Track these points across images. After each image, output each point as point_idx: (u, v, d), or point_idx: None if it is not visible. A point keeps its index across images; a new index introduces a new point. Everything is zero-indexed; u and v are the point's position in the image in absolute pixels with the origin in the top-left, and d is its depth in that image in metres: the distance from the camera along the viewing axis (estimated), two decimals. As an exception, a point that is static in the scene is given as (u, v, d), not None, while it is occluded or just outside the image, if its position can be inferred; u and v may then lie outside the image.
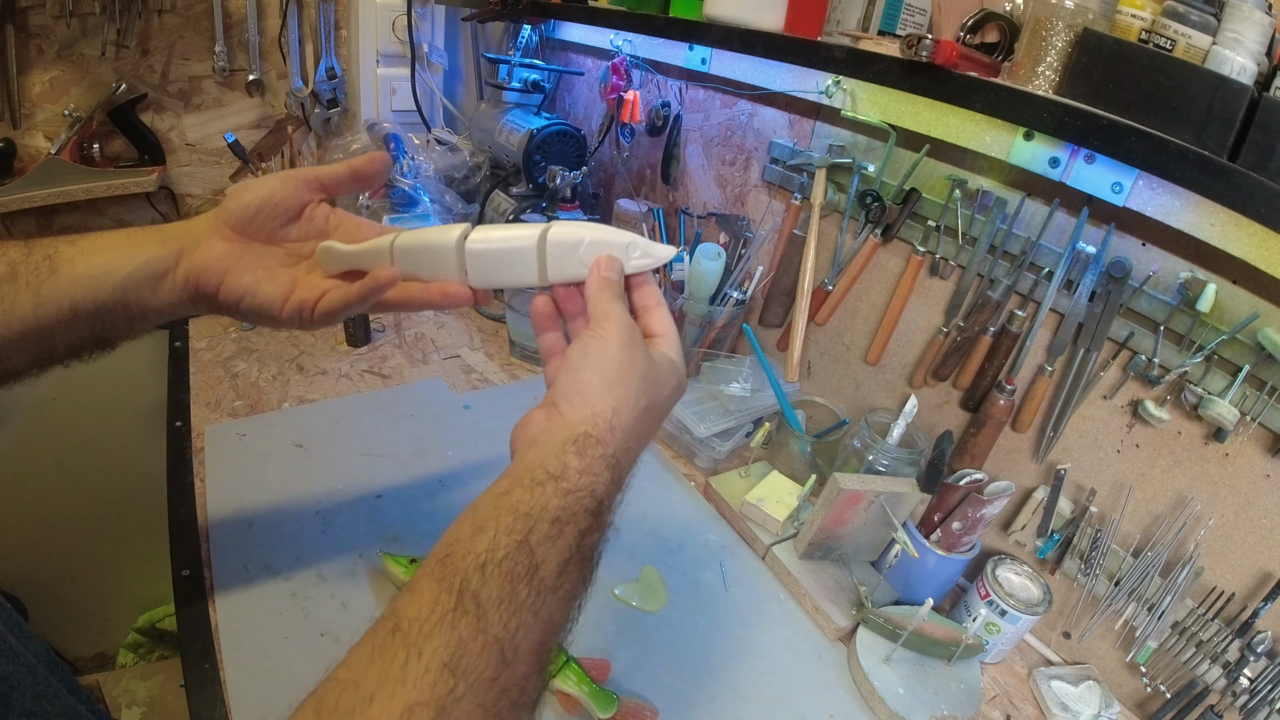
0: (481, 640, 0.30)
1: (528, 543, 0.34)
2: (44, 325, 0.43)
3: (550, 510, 0.35)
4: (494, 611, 0.31)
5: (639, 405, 0.40)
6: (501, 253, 0.46)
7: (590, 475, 0.37)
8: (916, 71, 0.63)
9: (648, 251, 0.45)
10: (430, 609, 0.31)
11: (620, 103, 1.10)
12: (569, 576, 0.35)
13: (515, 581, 0.32)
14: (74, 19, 1.08)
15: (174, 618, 0.64)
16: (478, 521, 0.35)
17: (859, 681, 0.66)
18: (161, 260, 0.45)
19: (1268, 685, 0.58)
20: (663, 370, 0.43)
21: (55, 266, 0.43)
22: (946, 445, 0.79)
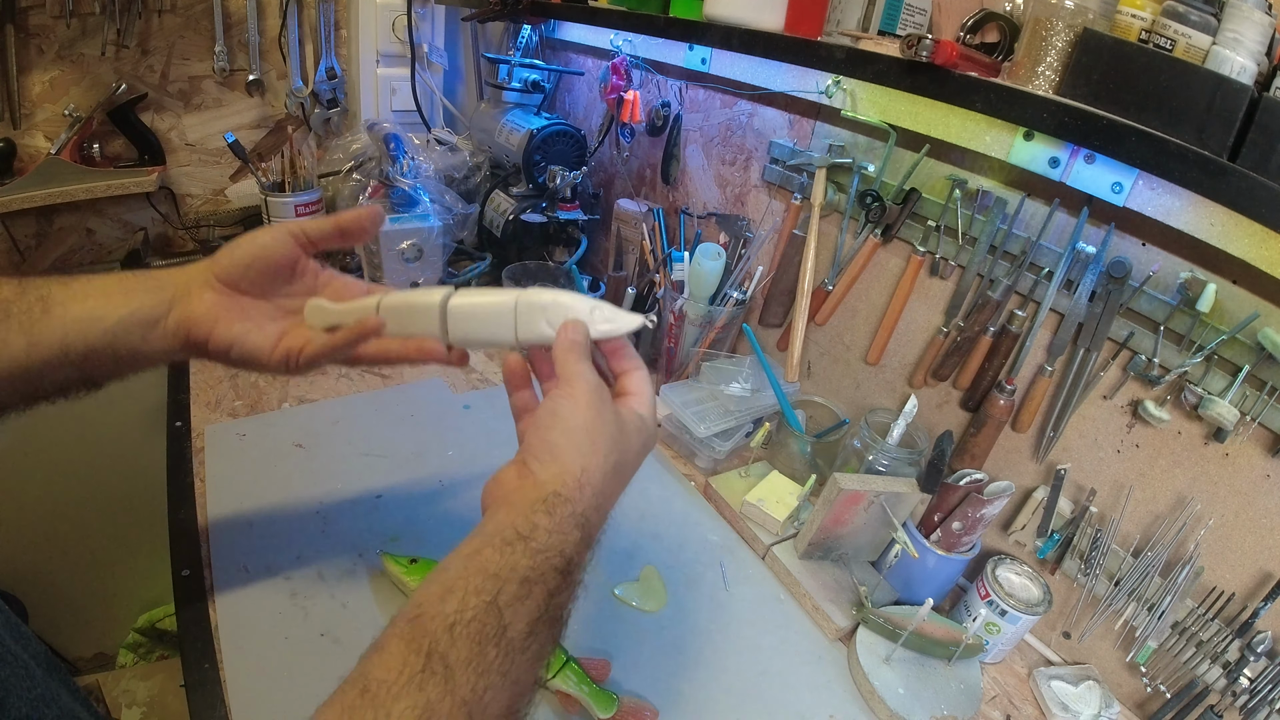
0: (450, 702, 0.30)
1: (496, 604, 0.34)
2: (34, 366, 0.43)
3: (519, 571, 0.35)
4: (462, 673, 0.31)
5: (608, 463, 0.41)
6: (480, 311, 0.48)
7: (559, 534, 0.37)
8: (916, 71, 0.63)
9: (611, 318, 0.47)
10: (399, 670, 0.31)
11: (620, 103, 1.10)
12: (537, 637, 0.35)
13: (484, 643, 0.33)
14: (74, 19, 1.08)
15: (174, 618, 0.64)
16: (447, 582, 0.35)
17: (859, 681, 0.66)
18: (153, 308, 0.46)
19: (1268, 685, 0.58)
20: (630, 428, 0.44)
21: (48, 308, 0.44)
22: (946, 445, 0.79)
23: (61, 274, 0.47)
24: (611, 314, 0.47)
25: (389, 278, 1.14)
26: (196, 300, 0.47)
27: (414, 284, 1.17)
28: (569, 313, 0.46)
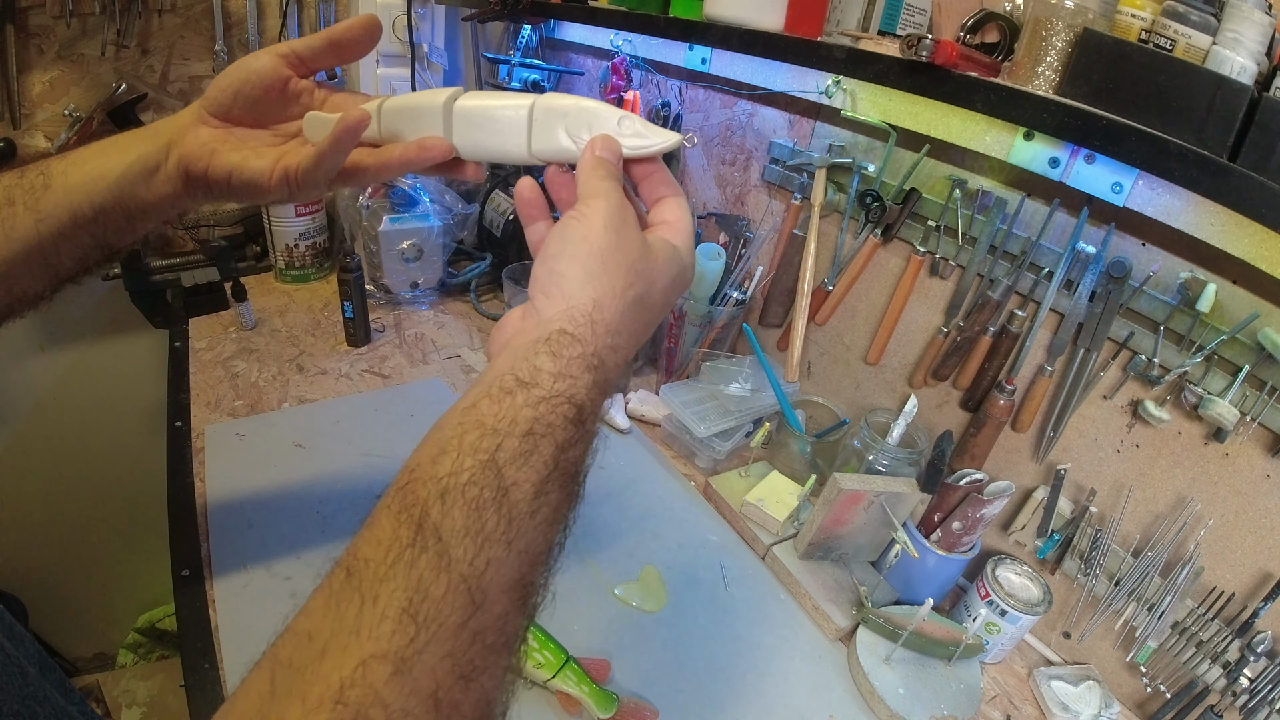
0: (445, 580, 0.27)
1: (495, 462, 0.29)
2: (46, 240, 0.42)
3: (521, 423, 0.30)
4: (458, 546, 0.27)
5: (627, 296, 0.35)
6: (489, 114, 0.42)
7: (567, 379, 0.32)
8: (916, 71, 0.63)
9: (641, 133, 0.40)
10: (387, 547, 0.27)
11: (620, 103, 1.10)
12: (547, 498, 0.31)
13: (482, 509, 0.28)
14: (74, 19, 1.08)
15: (174, 618, 0.64)
16: (441, 441, 0.30)
17: (859, 681, 0.66)
18: (152, 155, 0.44)
19: (1268, 685, 0.58)
20: (659, 258, 0.38)
21: (49, 182, 0.43)
22: (946, 445, 0.79)
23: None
24: (643, 127, 0.40)
25: (389, 277, 1.14)
26: (191, 137, 0.45)
27: (414, 284, 1.17)
28: (594, 121, 0.40)
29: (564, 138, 0.40)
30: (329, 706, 0.23)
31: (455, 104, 0.43)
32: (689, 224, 0.42)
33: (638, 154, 0.40)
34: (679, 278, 0.40)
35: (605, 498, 0.84)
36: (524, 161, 0.43)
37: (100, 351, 1.32)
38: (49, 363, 1.28)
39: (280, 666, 0.25)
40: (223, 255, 1.16)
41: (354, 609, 0.26)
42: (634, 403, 1.00)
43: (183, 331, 1.04)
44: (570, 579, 0.72)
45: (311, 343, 1.05)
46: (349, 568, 0.27)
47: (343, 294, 1.01)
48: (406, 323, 1.15)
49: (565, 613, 0.68)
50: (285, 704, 0.24)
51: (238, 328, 1.05)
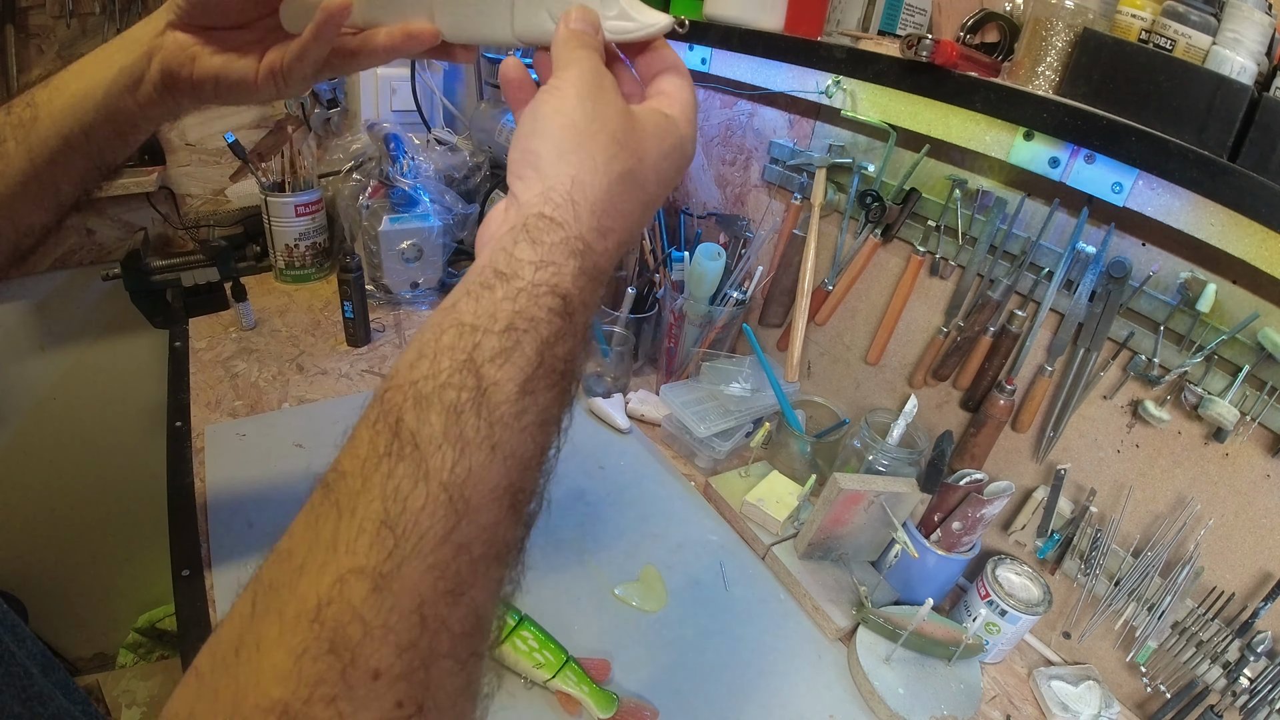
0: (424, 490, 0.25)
1: (473, 361, 0.27)
2: (42, 169, 0.42)
3: (500, 318, 0.28)
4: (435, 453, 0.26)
5: (612, 170, 0.32)
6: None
7: (550, 266, 0.30)
8: (916, 71, 0.63)
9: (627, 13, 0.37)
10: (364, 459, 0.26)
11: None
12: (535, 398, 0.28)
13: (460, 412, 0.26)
14: (74, 19, 1.08)
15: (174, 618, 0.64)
16: (420, 344, 0.28)
17: (859, 681, 0.66)
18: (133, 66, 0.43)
19: (1268, 685, 0.58)
20: (647, 127, 0.34)
21: (37, 113, 0.42)
22: (946, 445, 0.79)
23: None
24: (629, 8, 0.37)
25: (389, 277, 1.14)
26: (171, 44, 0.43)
27: (414, 284, 1.17)
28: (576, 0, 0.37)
29: (546, 18, 0.38)
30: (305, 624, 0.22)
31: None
32: (688, 96, 0.38)
33: (624, 38, 0.37)
34: (675, 150, 0.36)
35: (605, 498, 0.84)
36: (508, 43, 0.41)
37: (100, 351, 1.32)
38: (49, 363, 1.28)
39: (262, 587, 0.25)
40: (223, 255, 1.16)
41: (330, 524, 0.25)
42: (634, 403, 1.00)
43: (183, 331, 1.04)
44: (570, 579, 0.72)
45: (311, 343, 1.05)
46: (327, 482, 0.26)
47: (343, 294, 1.01)
48: (406, 323, 1.15)
49: (565, 613, 0.68)
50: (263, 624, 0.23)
51: (238, 328, 1.05)
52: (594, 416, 0.99)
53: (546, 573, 0.72)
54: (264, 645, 0.23)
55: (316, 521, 0.25)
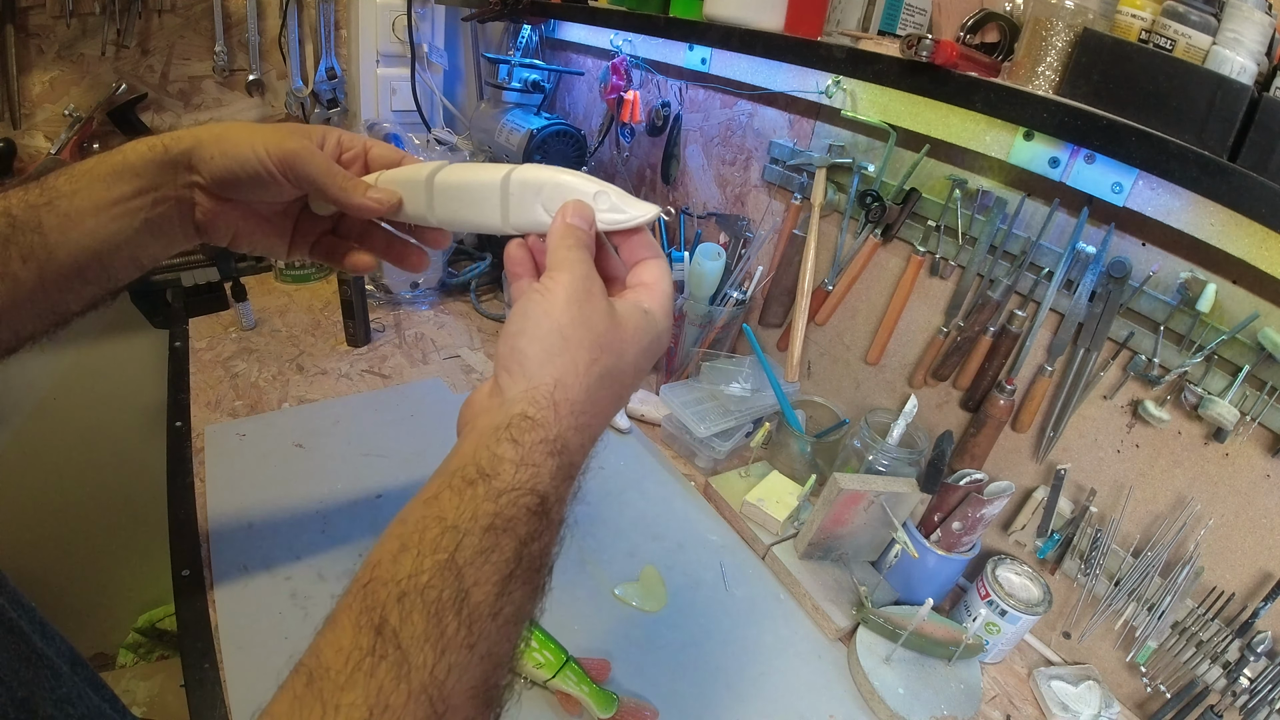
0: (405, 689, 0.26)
1: (454, 563, 0.28)
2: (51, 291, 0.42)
3: (482, 518, 0.30)
4: (417, 653, 0.27)
5: (592, 373, 0.34)
6: (466, 189, 0.43)
7: (530, 467, 0.31)
8: (916, 71, 0.63)
9: (618, 206, 0.39)
10: (348, 653, 0.27)
11: (620, 103, 1.10)
12: (511, 598, 0.30)
13: (442, 613, 0.28)
14: (74, 19, 1.08)
15: (174, 618, 0.64)
16: (403, 536, 0.30)
17: (859, 681, 0.66)
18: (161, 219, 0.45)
19: (1268, 685, 0.58)
20: (628, 327, 0.37)
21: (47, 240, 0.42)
22: (946, 445, 0.79)
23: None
24: (620, 200, 0.39)
25: (389, 277, 1.14)
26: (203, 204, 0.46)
27: (414, 284, 1.17)
28: (569, 195, 0.39)
29: (540, 212, 0.40)
30: None
31: (436, 179, 0.44)
32: (667, 286, 0.40)
33: (614, 229, 0.39)
34: (652, 345, 0.38)
35: (605, 498, 0.84)
36: (503, 233, 0.43)
37: (100, 351, 1.32)
38: (49, 363, 1.28)
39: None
40: (223, 255, 1.16)
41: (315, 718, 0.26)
42: (634, 403, 1.00)
43: (183, 331, 1.04)
44: (570, 579, 0.72)
45: (311, 343, 1.05)
46: (311, 672, 0.27)
47: (343, 294, 1.01)
48: (406, 323, 1.15)
49: (565, 613, 0.68)
50: None
51: (238, 328, 1.05)
52: (594, 416, 0.99)
53: (546, 573, 0.72)
54: None
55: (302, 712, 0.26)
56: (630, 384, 0.38)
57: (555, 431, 0.33)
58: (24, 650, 0.37)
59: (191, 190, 0.45)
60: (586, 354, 0.34)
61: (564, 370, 0.33)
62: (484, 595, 0.29)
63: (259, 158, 0.44)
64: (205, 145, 0.44)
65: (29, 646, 0.38)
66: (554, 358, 0.34)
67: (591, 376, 0.34)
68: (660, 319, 0.39)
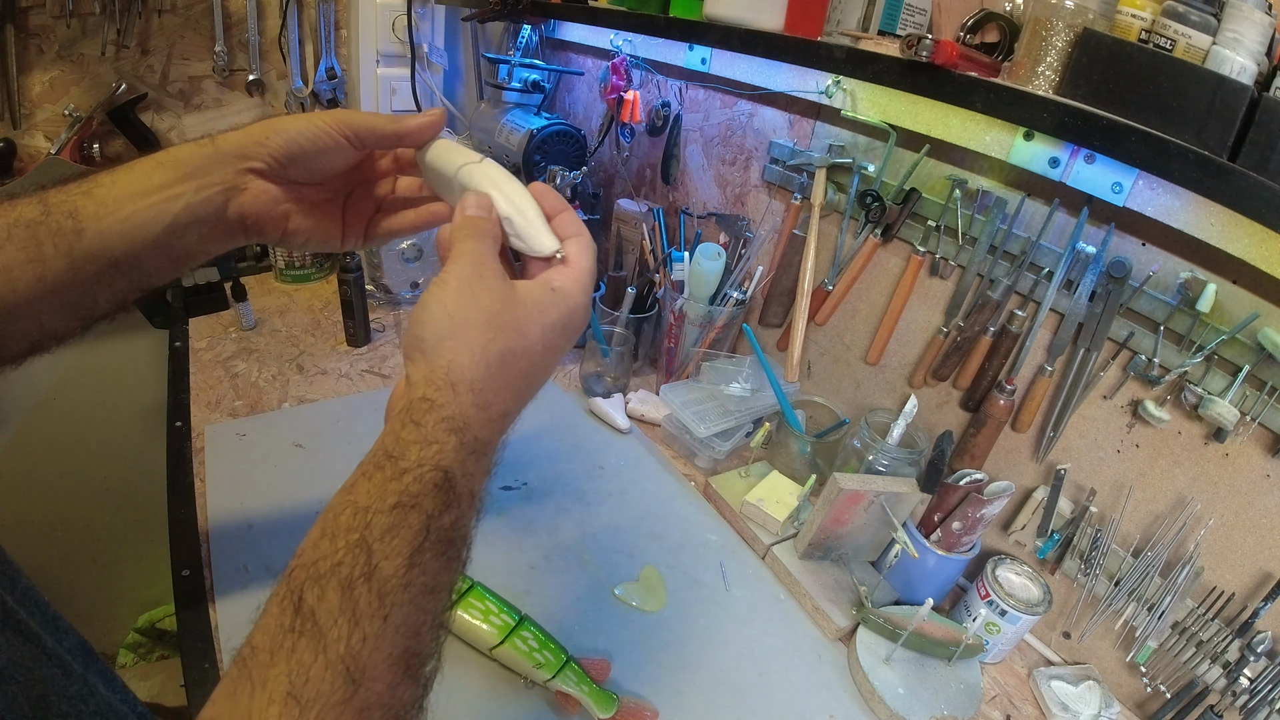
0: (323, 660, 0.27)
1: (365, 541, 0.30)
2: (81, 282, 0.41)
3: (388, 497, 0.31)
4: (332, 627, 0.28)
5: (489, 352, 0.35)
6: (439, 165, 0.47)
7: (432, 445, 0.32)
8: (916, 71, 0.63)
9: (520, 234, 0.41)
10: (272, 634, 0.28)
11: (620, 103, 1.10)
12: (423, 570, 0.31)
13: (352, 587, 0.29)
14: (74, 19, 1.08)
15: (174, 618, 0.64)
16: (324, 524, 0.31)
17: (859, 681, 0.66)
18: (202, 206, 0.43)
19: (1268, 685, 0.58)
20: (527, 304, 0.38)
21: (80, 226, 0.40)
22: (946, 445, 0.79)
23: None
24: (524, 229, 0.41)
25: (389, 277, 1.14)
26: (256, 195, 0.45)
27: (414, 284, 1.17)
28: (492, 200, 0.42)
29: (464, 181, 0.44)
30: None
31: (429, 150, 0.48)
32: (585, 263, 0.41)
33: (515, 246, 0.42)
34: (563, 320, 0.39)
35: (605, 498, 0.84)
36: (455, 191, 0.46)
37: (100, 351, 1.32)
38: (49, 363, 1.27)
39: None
40: (223, 255, 1.15)
41: (245, 695, 0.27)
42: (634, 403, 1.00)
43: (183, 331, 1.04)
44: (570, 579, 0.72)
45: (311, 343, 1.05)
46: (243, 656, 0.29)
47: (343, 294, 1.01)
48: (406, 323, 1.15)
49: (565, 613, 0.68)
50: None
51: (238, 328, 1.05)
52: (594, 416, 0.99)
53: (546, 573, 0.72)
54: None
55: (234, 694, 0.28)
56: (541, 363, 0.38)
57: (455, 410, 0.34)
58: (35, 651, 0.37)
59: (244, 178, 0.44)
60: (480, 333, 0.35)
61: (456, 351, 0.35)
62: (394, 568, 0.30)
63: (315, 124, 0.45)
64: (259, 132, 0.44)
65: (40, 647, 0.38)
66: (444, 340, 0.35)
67: (490, 355, 0.35)
68: (573, 293, 0.40)
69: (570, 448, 0.92)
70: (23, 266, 0.39)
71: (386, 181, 0.54)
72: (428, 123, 0.48)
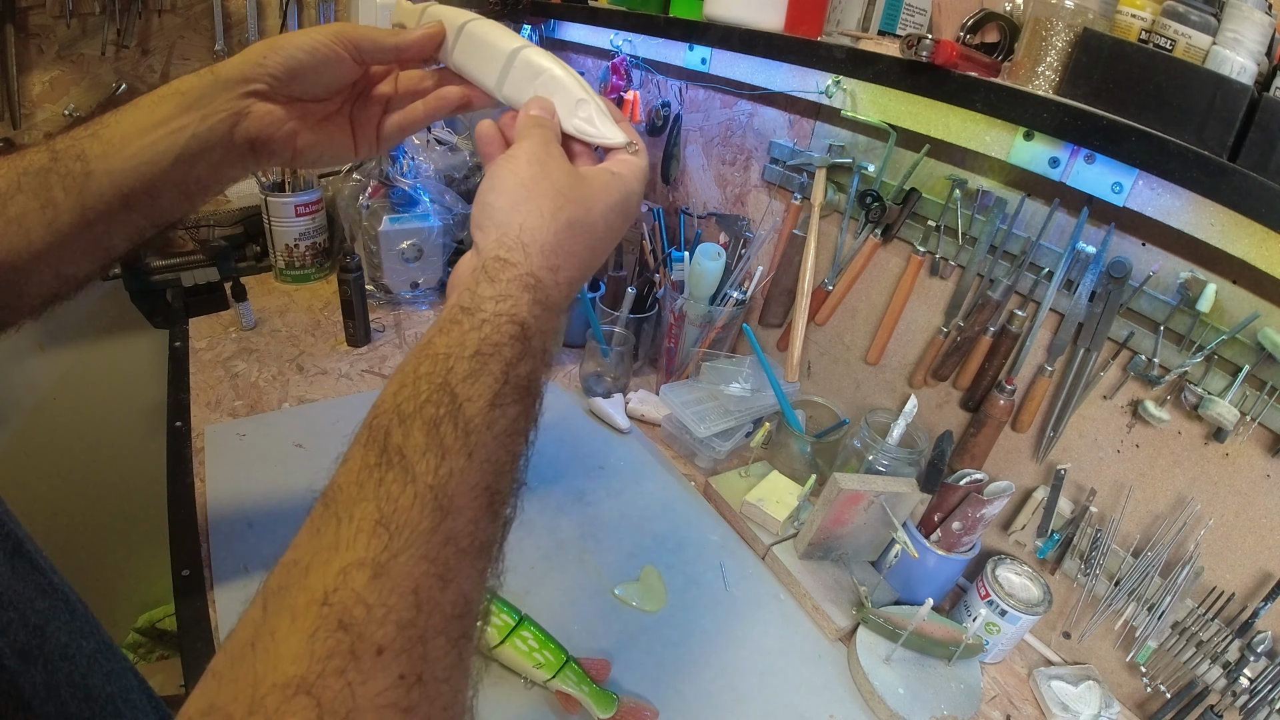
0: (411, 491, 0.28)
1: (448, 384, 0.31)
2: (96, 224, 0.41)
3: (468, 346, 0.32)
4: (419, 461, 0.29)
5: (558, 219, 0.37)
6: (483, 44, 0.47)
7: (507, 300, 0.34)
8: (916, 71, 0.63)
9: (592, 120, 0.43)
10: (357, 472, 0.29)
11: (620, 103, 1.10)
12: (503, 411, 0.32)
13: (439, 425, 0.30)
14: (74, 19, 1.08)
15: (174, 618, 0.64)
16: (401, 376, 0.32)
17: (859, 681, 0.66)
18: (209, 133, 0.43)
19: (1268, 685, 0.58)
20: (594, 183, 0.40)
21: (89, 167, 0.41)
22: (946, 445, 0.79)
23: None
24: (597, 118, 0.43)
25: (389, 277, 1.14)
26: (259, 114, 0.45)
27: (414, 284, 1.17)
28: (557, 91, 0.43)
29: (530, 93, 0.44)
30: (315, 610, 0.25)
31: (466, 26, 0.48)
32: (640, 161, 0.43)
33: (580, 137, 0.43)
34: (622, 202, 0.41)
35: (605, 498, 0.84)
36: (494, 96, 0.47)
37: (100, 351, 1.32)
38: (49, 363, 1.28)
39: (270, 593, 0.27)
40: (223, 255, 1.16)
41: (331, 529, 0.27)
42: (634, 403, 1.00)
43: (183, 331, 1.04)
44: (570, 579, 0.72)
45: (311, 343, 1.05)
46: (326, 496, 0.29)
47: (343, 294, 1.01)
48: (406, 323, 1.15)
49: (565, 613, 0.68)
50: (276, 620, 0.25)
51: (238, 328, 1.05)
52: (594, 416, 0.99)
53: (546, 573, 0.72)
54: (278, 634, 0.25)
55: (318, 531, 0.28)
56: (602, 236, 0.40)
57: (528, 268, 0.35)
58: (42, 582, 0.37)
59: (247, 101, 0.44)
60: (550, 201, 0.37)
61: (528, 215, 0.37)
62: (476, 410, 0.31)
63: (314, 39, 0.45)
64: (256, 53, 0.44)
65: (46, 580, 0.38)
66: (518, 205, 0.37)
67: (559, 222, 0.37)
68: (630, 181, 0.42)
69: (570, 448, 0.92)
70: (36, 214, 0.40)
71: (388, 80, 0.53)
72: (429, 34, 0.49)
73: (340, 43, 0.46)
